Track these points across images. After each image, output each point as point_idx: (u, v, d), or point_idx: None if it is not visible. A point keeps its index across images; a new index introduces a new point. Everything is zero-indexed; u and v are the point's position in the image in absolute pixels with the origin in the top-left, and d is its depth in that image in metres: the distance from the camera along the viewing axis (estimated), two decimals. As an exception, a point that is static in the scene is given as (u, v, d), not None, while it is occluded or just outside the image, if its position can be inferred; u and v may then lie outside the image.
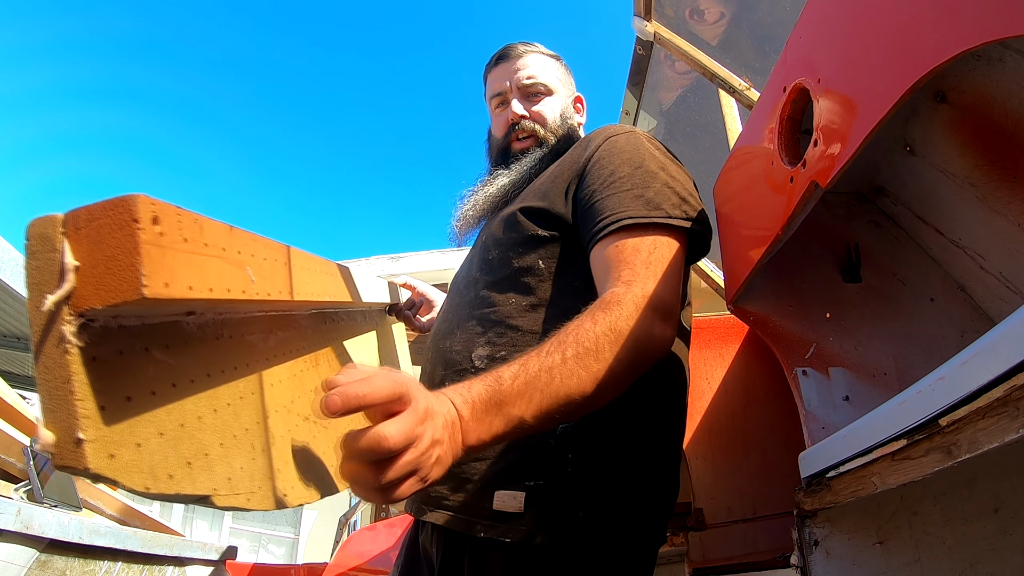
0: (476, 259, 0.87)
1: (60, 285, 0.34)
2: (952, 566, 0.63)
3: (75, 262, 0.34)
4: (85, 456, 0.34)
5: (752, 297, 0.92)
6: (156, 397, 0.41)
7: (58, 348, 0.33)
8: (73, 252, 0.34)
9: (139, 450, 0.38)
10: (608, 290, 0.67)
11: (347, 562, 2.23)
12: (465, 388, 0.54)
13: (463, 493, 0.71)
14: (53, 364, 0.34)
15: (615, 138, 0.83)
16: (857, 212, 0.89)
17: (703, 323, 1.27)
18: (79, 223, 0.34)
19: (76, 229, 0.34)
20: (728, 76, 1.45)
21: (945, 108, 0.71)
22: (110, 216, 0.34)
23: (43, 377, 0.33)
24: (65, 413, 0.33)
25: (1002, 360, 0.41)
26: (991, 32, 0.43)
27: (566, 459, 0.69)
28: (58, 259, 0.34)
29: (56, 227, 0.35)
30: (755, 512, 1.09)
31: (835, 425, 0.80)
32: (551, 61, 1.03)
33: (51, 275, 0.34)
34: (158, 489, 0.39)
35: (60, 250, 0.34)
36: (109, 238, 0.34)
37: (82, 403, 0.34)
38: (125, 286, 0.34)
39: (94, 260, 0.34)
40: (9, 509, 1.50)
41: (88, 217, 0.34)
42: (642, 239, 0.71)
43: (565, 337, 0.60)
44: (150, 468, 0.39)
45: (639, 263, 0.69)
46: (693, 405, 1.19)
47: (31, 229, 0.35)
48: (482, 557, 0.68)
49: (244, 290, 0.50)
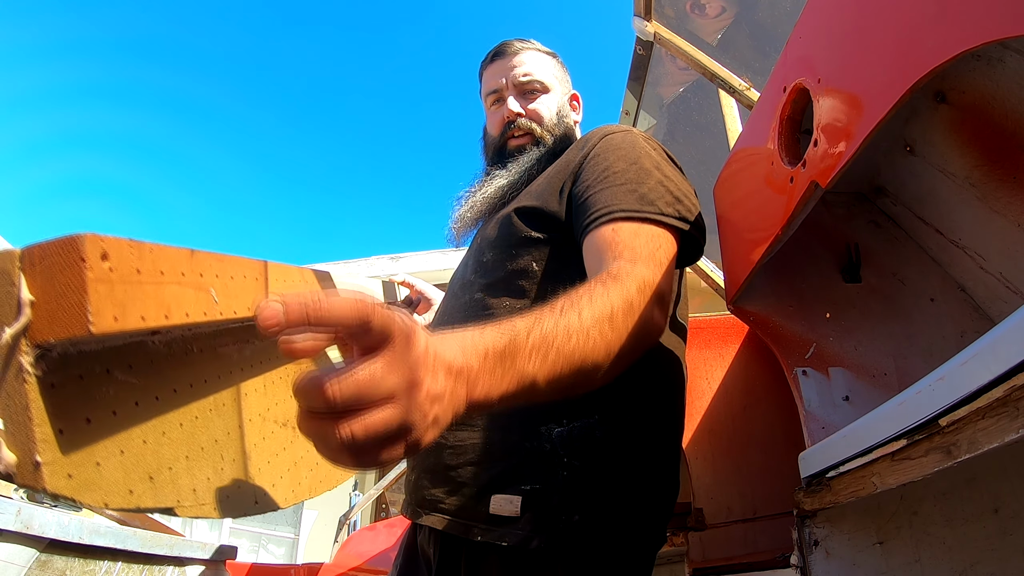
0: (471, 261, 0.87)
1: (17, 318, 0.35)
2: (952, 566, 0.63)
3: (31, 297, 0.36)
4: (43, 477, 0.36)
5: (752, 297, 0.92)
6: (117, 417, 0.42)
7: (17, 378, 0.35)
8: (29, 287, 0.36)
9: (99, 469, 0.40)
10: (613, 264, 0.64)
11: (347, 562, 2.23)
12: (477, 332, 0.46)
13: (459, 497, 0.70)
14: (13, 392, 0.35)
15: (611, 136, 0.83)
16: (857, 212, 0.89)
17: (703, 323, 1.27)
18: (34, 260, 0.36)
19: (31, 265, 0.36)
20: (728, 76, 1.45)
21: (945, 108, 0.71)
22: (60, 255, 0.36)
23: (4, 403, 0.35)
24: (24, 437, 0.35)
25: (1002, 360, 0.41)
26: (991, 32, 0.43)
27: (562, 463, 0.68)
28: (15, 293, 0.36)
29: (14, 262, 0.36)
30: (755, 512, 1.09)
31: (835, 425, 0.80)
32: (547, 58, 1.03)
33: (9, 308, 0.36)
34: (117, 504, 0.41)
35: (17, 284, 0.36)
36: (60, 275, 0.36)
37: (40, 428, 0.36)
38: (74, 322, 0.36)
39: (47, 295, 0.36)
40: (9, 509, 1.50)
41: (41, 254, 0.36)
42: (640, 226, 0.70)
43: (578, 299, 0.56)
44: (109, 485, 0.40)
45: (639, 246, 0.67)
46: (693, 405, 1.19)
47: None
48: (479, 560, 0.68)
49: (206, 311, 0.50)
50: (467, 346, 0.43)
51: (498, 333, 0.47)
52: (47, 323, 0.36)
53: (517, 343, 0.47)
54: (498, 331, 0.47)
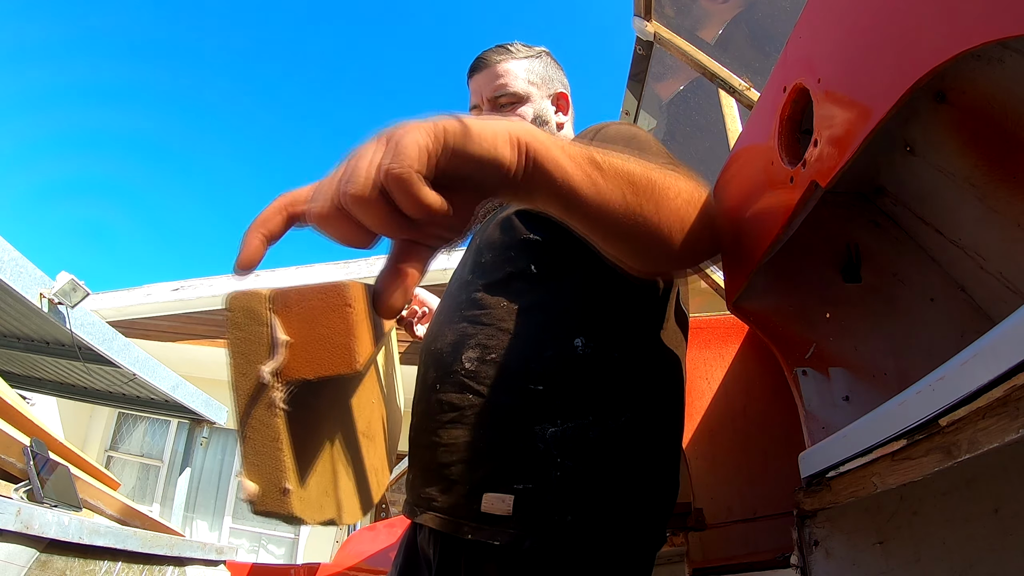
0: (469, 262, 0.87)
1: (272, 356, 0.38)
2: (952, 566, 0.63)
3: (286, 337, 0.38)
4: (290, 503, 0.39)
5: (752, 297, 0.92)
6: (320, 439, 0.46)
7: (268, 411, 0.38)
8: (284, 328, 0.39)
9: (308, 489, 0.43)
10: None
11: (346, 562, 2.23)
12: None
13: (452, 495, 0.71)
14: (262, 425, 0.38)
15: (608, 125, 0.83)
16: (857, 212, 0.89)
17: (703, 323, 1.27)
18: (289, 303, 0.39)
19: (286, 307, 0.39)
20: (728, 76, 1.45)
21: (945, 108, 0.71)
22: (323, 299, 0.39)
23: (251, 435, 0.38)
24: (272, 467, 0.39)
25: (1002, 360, 0.41)
26: (991, 32, 0.43)
27: (555, 463, 0.68)
28: (267, 333, 0.38)
29: (262, 303, 0.39)
30: (755, 512, 1.09)
31: (835, 425, 0.80)
32: (526, 63, 1.02)
33: (260, 347, 0.38)
34: (313, 520, 0.44)
35: (269, 324, 0.39)
36: (322, 318, 0.39)
37: (288, 458, 0.39)
38: (338, 361, 0.39)
39: (306, 337, 0.39)
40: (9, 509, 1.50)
41: (299, 298, 0.39)
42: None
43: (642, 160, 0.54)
44: (313, 503, 0.44)
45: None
46: (693, 405, 1.19)
47: (234, 302, 0.39)
48: (477, 561, 0.68)
49: (379, 336, 0.55)
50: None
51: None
52: (304, 362, 0.39)
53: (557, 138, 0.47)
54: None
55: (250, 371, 0.38)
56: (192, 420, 5.28)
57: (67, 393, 5.22)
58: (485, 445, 0.71)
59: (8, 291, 2.87)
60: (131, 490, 6.77)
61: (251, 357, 0.39)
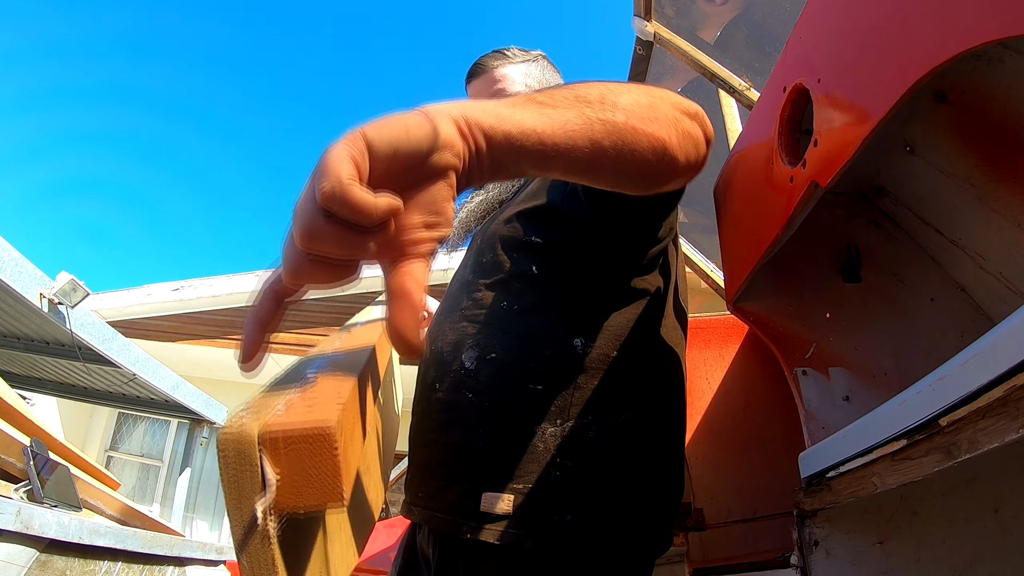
0: (470, 262, 0.87)
1: (264, 493, 0.41)
2: (952, 566, 0.63)
3: (276, 475, 0.42)
4: None
5: (752, 297, 0.92)
6: (314, 542, 0.50)
7: (263, 542, 0.42)
8: (273, 466, 0.42)
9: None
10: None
11: (347, 562, 2.23)
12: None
13: (450, 494, 0.71)
14: (258, 553, 0.42)
15: None
16: (857, 212, 0.89)
17: (703, 323, 1.27)
18: (278, 445, 0.42)
19: (275, 449, 0.42)
20: (728, 76, 1.45)
21: (945, 108, 0.71)
22: (310, 444, 0.42)
23: (248, 563, 0.42)
24: None
25: (1002, 360, 0.41)
26: (991, 32, 0.43)
27: (555, 463, 0.68)
28: (258, 472, 0.42)
29: (252, 445, 0.42)
30: (755, 512, 1.09)
31: (835, 425, 0.80)
32: (523, 67, 1.02)
33: (252, 483, 0.42)
34: None
35: (259, 464, 0.42)
36: (310, 460, 0.42)
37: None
38: (327, 497, 0.42)
39: (295, 475, 0.42)
40: (9, 509, 1.51)
41: (287, 441, 0.42)
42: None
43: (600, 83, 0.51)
44: None
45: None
46: (693, 405, 1.19)
47: (224, 443, 0.42)
48: (477, 562, 0.68)
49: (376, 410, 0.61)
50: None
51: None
52: (294, 496, 0.42)
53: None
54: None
55: (244, 505, 0.42)
56: (192, 420, 5.28)
57: (67, 393, 5.22)
58: (484, 445, 0.71)
59: (8, 291, 2.87)
60: (131, 490, 6.77)
61: (244, 492, 0.42)
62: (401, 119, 0.37)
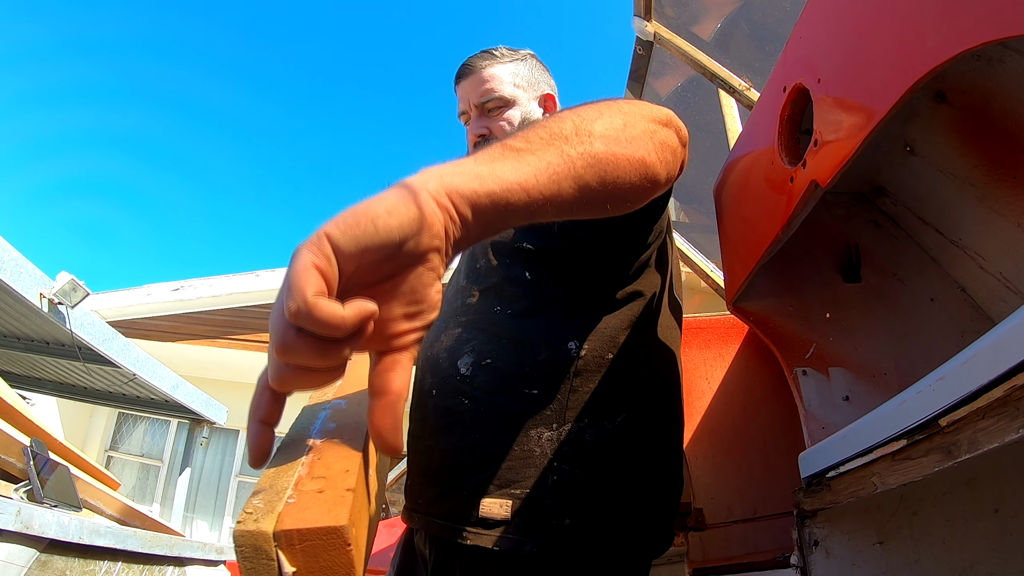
0: (464, 267, 0.88)
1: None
2: (952, 566, 0.63)
3: (292, 569, 0.44)
4: None
5: (752, 297, 0.92)
6: None
7: None
8: (289, 561, 0.44)
9: None
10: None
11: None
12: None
13: (449, 500, 0.71)
14: None
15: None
16: (857, 212, 0.89)
17: (703, 323, 1.27)
18: (293, 541, 0.44)
19: (290, 545, 0.44)
20: (728, 76, 1.45)
21: (945, 108, 0.71)
22: (324, 540, 0.44)
23: None
24: None
25: (1002, 360, 0.41)
26: (991, 32, 0.43)
27: (552, 467, 0.68)
28: (275, 567, 0.44)
29: (268, 541, 0.44)
30: (755, 512, 1.09)
31: (835, 425, 0.80)
32: (512, 66, 1.01)
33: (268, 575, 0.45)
34: None
35: (276, 559, 0.44)
36: (324, 554, 0.45)
37: None
38: None
39: (311, 568, 0.44)
40: (9, 509, 1.51)
41: (301, 538, 0.44)
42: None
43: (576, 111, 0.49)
44: None
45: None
46: (693, 405, 1.19)
47: (241, 538, 0.44)
48: (473, 564, 0.68)
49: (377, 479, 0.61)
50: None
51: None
52: None
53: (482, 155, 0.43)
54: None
55: None
56: (192, 420, 5.28)
57: (67, 393, 5.22)
58: (482, 450, 0.71)
59: (8, 291, 2.87)
60: (131, 490, 6.77)
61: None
62: (370, 209, 0.35)
